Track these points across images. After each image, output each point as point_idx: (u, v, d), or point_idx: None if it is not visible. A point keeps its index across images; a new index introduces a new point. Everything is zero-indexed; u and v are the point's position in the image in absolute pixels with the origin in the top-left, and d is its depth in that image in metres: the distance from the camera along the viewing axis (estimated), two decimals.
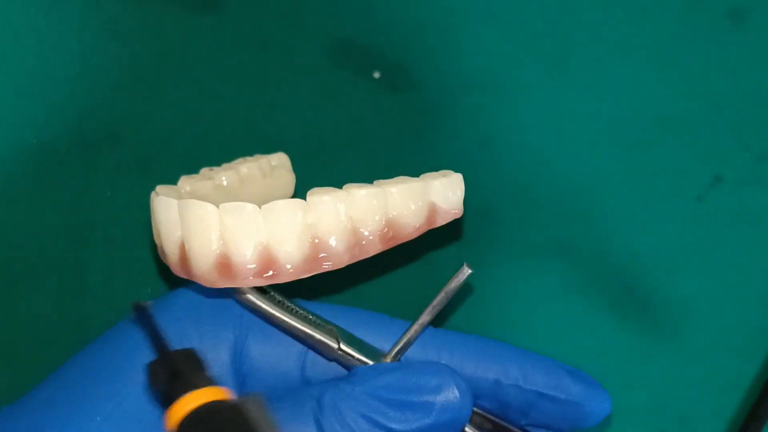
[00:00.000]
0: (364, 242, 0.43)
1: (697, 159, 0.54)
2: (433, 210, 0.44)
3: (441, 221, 0.44)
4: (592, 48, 0.53)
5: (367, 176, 0.48)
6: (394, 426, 0.42)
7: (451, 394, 0.43)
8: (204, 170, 0.50)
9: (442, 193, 0.44)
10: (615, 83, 0.54)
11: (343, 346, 0.45)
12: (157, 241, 0.45)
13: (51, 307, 0.54)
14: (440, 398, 0.43)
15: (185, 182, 0.48)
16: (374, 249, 0.43)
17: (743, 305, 0.55)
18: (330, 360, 0.46)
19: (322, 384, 0.44)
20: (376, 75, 0.54)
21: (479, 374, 0.48)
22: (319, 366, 0.46)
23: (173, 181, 0.49)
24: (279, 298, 0.46)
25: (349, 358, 0.46)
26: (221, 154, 0.52)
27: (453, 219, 0.45)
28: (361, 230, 0.43)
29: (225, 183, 0.48)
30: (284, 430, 0.42)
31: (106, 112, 0.53)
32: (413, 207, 0.43)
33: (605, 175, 0.55)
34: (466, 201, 0.55)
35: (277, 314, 0.45)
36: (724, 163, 0.54)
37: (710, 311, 0.55)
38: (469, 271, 0.44)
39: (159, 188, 0.46)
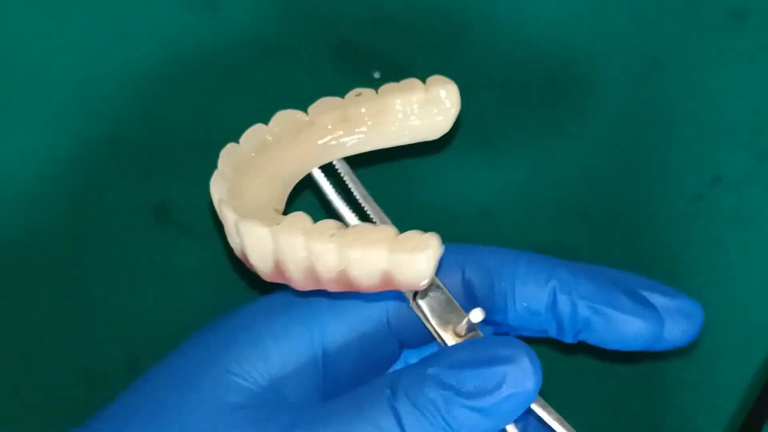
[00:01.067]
0: (322, 282, 0.43)
1: (697, 159, 0.54)
2: (388, 281, 0.42)
3: (402, 289, 0.43)
4: (591, 48, 0.54)
5: (367, 176, 0.48)
6: (467, 402, 0.42)
7: (524, 363, 0.43)
8: (350, 94, 0.49)
9: (405, 269, 0.41)
10: (615, 83, 0.54)
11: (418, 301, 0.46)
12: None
13: (51, 308, 0.54)
14: (511, 369, 0.43)
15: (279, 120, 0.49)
16: (334, 290, 0.43)
17: (743, 305, 0.56)
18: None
19: (394, 372, 0.44)
20: (377, 75, 0.54)
21: (534, 284, 0.47)
22: (403, 318, 0.47)
23: (174, 181, 0.49)
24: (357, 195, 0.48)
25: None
26: None
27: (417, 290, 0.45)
28: (318, 271, 0.42)
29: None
30: (361, 421, 0.42)
31: (108, 113, 0.53)
32: (369, 275, 0.42)
33: (605, 175, 0.55)
34: (467, 201, 0.55)
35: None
36: (724, 163, 0.54)
37: (710, 311, 0.55)
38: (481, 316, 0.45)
39: (245, 134, 0.47)
